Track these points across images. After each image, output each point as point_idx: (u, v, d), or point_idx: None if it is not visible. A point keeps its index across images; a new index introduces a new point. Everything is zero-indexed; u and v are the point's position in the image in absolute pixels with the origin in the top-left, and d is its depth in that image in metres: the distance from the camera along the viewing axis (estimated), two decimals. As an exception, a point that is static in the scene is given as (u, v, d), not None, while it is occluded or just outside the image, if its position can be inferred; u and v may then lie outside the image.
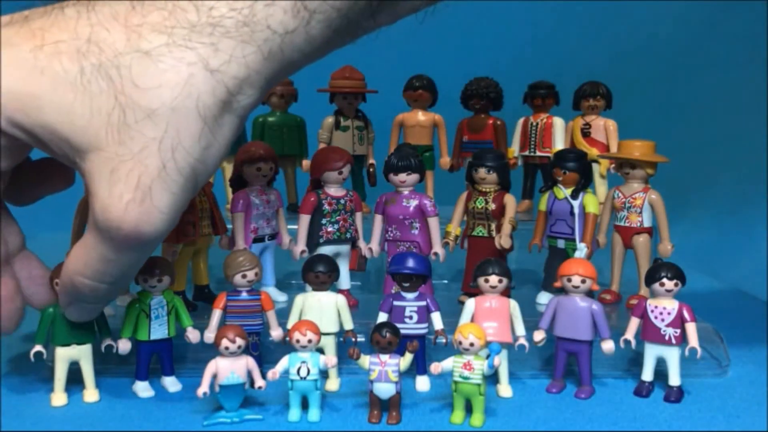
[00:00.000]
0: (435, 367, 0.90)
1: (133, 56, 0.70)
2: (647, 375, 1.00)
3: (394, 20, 0.80)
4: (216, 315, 0.98)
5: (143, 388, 0.98)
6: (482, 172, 1.19)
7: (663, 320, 0.98)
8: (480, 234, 1.21)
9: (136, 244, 0.73)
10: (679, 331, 0.98)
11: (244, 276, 0.98)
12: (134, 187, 0.70)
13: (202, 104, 0.71)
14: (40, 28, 0.71)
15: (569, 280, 0.99)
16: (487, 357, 0.90)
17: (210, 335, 0.97)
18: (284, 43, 0.72)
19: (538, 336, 1.01)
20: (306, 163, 1.43)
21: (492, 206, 1.19)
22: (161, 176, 0.70)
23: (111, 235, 0.73)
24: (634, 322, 1.00)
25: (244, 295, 0.99)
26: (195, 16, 0.70)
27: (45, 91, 0.70)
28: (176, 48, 0.70)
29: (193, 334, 0.99)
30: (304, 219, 1.18)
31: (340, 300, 1.01)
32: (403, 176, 1.16)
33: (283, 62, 0.74)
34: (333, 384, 1.00)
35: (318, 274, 1.00)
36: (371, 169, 1.44)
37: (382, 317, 1.00)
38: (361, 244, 1.21)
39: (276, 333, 1.00)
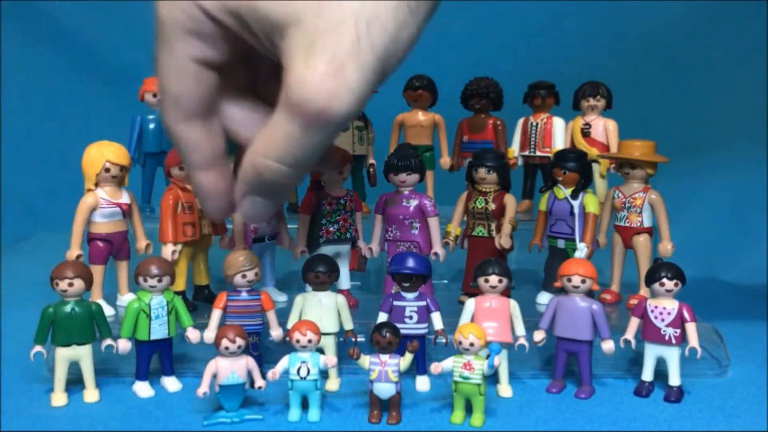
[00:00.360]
0: (435, 367, 0.90)
1: None
2: (647, 375, 1.00)
3: None
4: (216, 315, 0.98)
5: (143, 388, 0.98)
6: (482, 172, 1.19)
7: (663, 320, 0.98)
8: (480, 234, 1.21)
9: (323, 121, 0.71)
10: (679, 331, 0.98)
11: (244, 276, 0.98)
12: (329, 60, 0.69)
13: None
14: None
15: (569, 280, 0.99)
16: (487, 357, 0.90)
17: (210, 335, 0.96)
18: None
19: (538, 336, 1.01)
20: (306, 162, 1.42)
21: (492, 206, 1.19)
22: (354, 51, 0.69)
23: (301, 110, 0.71)
24: (634, 322, 1.00)
25: (244, 295, 0.99)
26: None
27: None
28: None
29: (193, 334, 0.99)
30: (304, 219, 1.18)
31: (340, 300, 1.01)
32: (403, 176, 1.16)
33: None
34: (333, 384, 1.00)
35: (318, 274, 1.00)
36: (371, 170, 1.44)
37: (382, 317, 1.00)
38: (361, 244, 1.21)
39: (276, 333, 1.00)
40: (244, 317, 0.98)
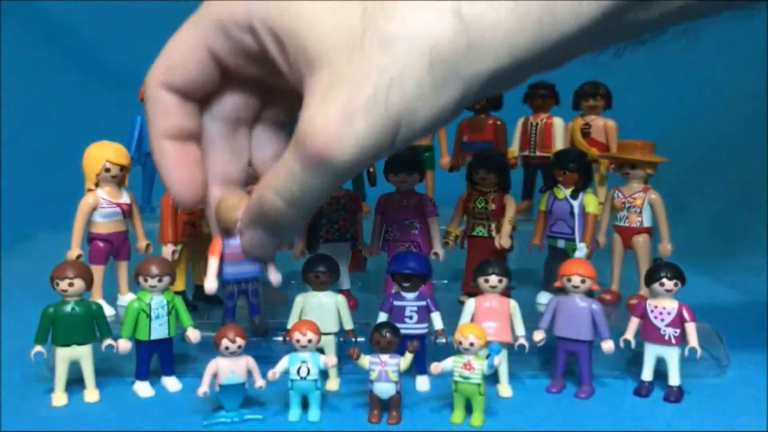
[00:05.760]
0: (435, 367, 0.90)
1: None
2: (647, 375, 1.00)
3: (662, 23, 0.76)
4: (214, 263, 0.93)
5: (143, 388, 0.98)
6: (482, 172, 1.19)
7: (663, 320, 0.98)
8: (480, 234, 1.21)
9: (321, 164, 0.72)
10: (678, 331, 0.98)
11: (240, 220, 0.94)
12: (342, 106, 0.70)
13: (437, 50, 0.69)
14: None
15: (569, 280, 0.99)
16: (487, 357, 0.90)
17: (211, 285, 0.92)
18: (546, 10, 0.68)
19: (538, 336, 1.01)
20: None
21: (492, 206, 1.19)
22: (368, 105, 0.69)
23: (305, 146, 0.72)
24: (633, 322, 1.00)
25: (239, 239, 0.96)
26: None
27: None
28: None
29: (193, 334, 0.98)
30: (304, 219, 1.18)
31: (340, 300, 1.01)
32: (403, 176, 1.16)
33: (535, 36, 0.69)
34: (333, 384, 1.00)
35: (318, 274, 1.00)
36: (371, 169, 1.44)
37: (382, 317, 1.00)
38: (361, 244, 1.21)
39: (275, 277, 0.94)
40: (240, 263, 0.93)
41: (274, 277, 0.94)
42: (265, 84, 0.84)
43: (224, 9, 0.76)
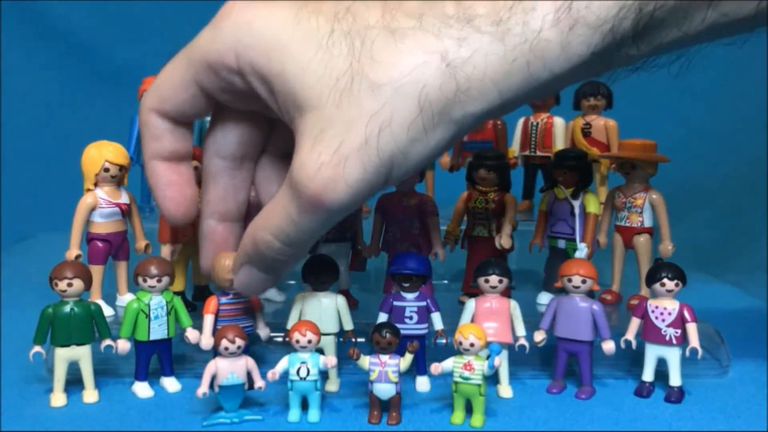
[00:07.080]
0: (435, 368, 0.90)
1: (380, 32, 0.71)
2: (648, 375, 1.00)
3: (654, 53, 0.78)
4: (209, 320, 0.96)
5: (142, 389, 0.97)
6: (482, 172, 1.19)
7: (664, 320, 0.98)
8: (480, 234, 1.21)
9: (316, 208, 0.74)
10: (679, 331, 0.98)
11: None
12: (333, 151, 0.71)
13: (425, 94, 0.70)
14: None
15: (570, 281, 0.99)
16: (488, 357, 0.89)
17: (207, 341, 0.95)
18: (534, 53, 0.69)
19: (539, 336, 1.01)
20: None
21: (492, 206, 1.19)
22: (360, 150, 0.70)
23: (299, 191, 0.74)
24: (634, 323, 1.00)
25: (232, 296, 0.98)
26: (452, 10, 0.70)
27: (294, 42, 0.73)
28: (422, 33, 0.70)
29: (192, 335, 0.98)
30: (304, 219, 1.18)
31: (340, 300, 1.01)
32: (403, 176, 1.15)
33: (524, 78, 0.70)
34: (333, 384, 0.99)
35: (318, 274, 1.00)
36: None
37: (382, 317, 1.00)
38: (361, 244, 1.21)
39: (263, 332, 0.99)
40: (235, 320, 0.97)
41: (263, 332, 0.99)
42: (269, 117, 0.84)
43: (213, 51, 0.77)
